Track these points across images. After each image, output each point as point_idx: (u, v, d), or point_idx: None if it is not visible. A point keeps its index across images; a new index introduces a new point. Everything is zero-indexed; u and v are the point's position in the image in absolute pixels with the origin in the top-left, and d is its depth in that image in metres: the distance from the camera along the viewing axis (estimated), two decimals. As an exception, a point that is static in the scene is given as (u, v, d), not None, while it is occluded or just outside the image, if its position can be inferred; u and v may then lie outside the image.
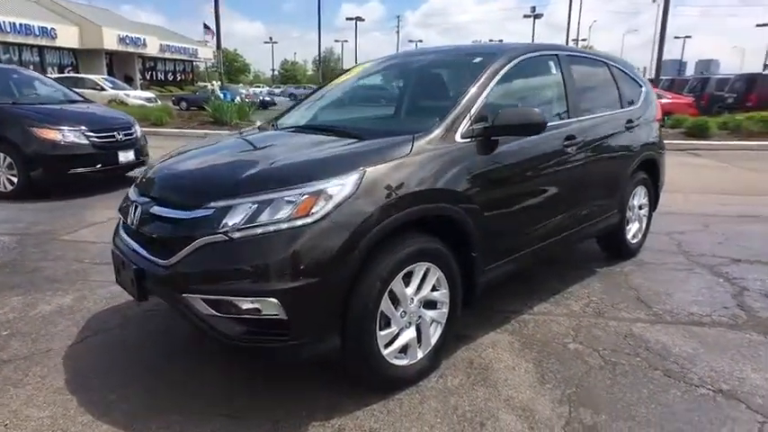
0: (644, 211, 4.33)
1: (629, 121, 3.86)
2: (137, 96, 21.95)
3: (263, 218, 1.96)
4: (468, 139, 2.51)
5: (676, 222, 5.24)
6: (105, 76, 25.07)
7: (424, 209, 2.23)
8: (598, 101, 3.65)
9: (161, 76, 45.60)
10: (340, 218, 1.96)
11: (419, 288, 2.30)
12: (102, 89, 20.45)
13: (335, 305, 1.99)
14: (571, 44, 41.61)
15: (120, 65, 39.15)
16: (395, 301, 2.21)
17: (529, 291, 3.49)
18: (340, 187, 2.00)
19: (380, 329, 2.17)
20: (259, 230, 1.94)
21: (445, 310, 2.46)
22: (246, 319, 1.96)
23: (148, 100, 21.71)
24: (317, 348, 2.01)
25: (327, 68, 73.35)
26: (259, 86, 53.15)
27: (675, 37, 73.40)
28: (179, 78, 47.73)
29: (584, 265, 4.06)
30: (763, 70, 37.05)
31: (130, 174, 6.91)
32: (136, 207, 2.31)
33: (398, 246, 2.15)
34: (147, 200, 2.29)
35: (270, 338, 1.96)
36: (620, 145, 3.71)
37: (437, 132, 2.43)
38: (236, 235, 1.95)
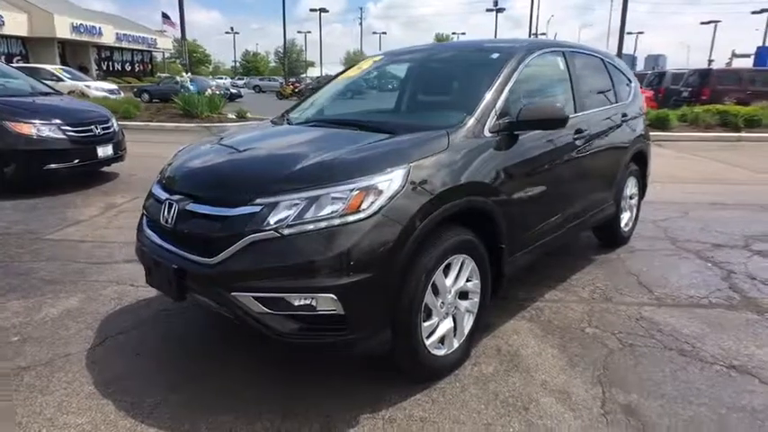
0: (634, 201, 4.53)
1: (624, 114, 4.03)
2: (98, 88, 20.92)
3: (314, 214, 1.96)
4: (495, 134, 2.57)
5: (658, 211, 5.50)
6: (63, 67, 23.77)
7: (464, 202, 2.29)
8: (598, 96, 3.79)
9: (118, 67, 43.65)
10: (391, 213, 1.98)
11: (456, 279, 2.36)
12: (60, 80, 19.38)
13: (388, 299, 2.02)
14: (531, 38, 42.48)
15: (73, 55, 37.25)
16: (436, 293, 2.26)
17: (536, 279, 3.61)
18: (389, 182, 2.02)
19: (423, 321, 2.21)
20: (310, 226, 1.94)
21: (477, 299, 2.53)
22: (300, 316, 1.96)
23: (111, 92, 20.76)
24: (370, 342, 2.03)
25: (290, 60, 72.10)
26: (221, 78, 51.70)
27: (628, 33, 76.06)
28: (137, 69, 45.87)
29: (581, 253, 4.22)
30: (708, 65, 39.12)
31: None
32: (170, 205, 2.24)
33: (440, 239, 2.19)
34: (181, 197, 2.23)
35: (326, 334, 1.97)
36: (618, 137, 3.87)
37: (469, 127, 2.48)
38: (287, 231, 1.94)
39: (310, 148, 2.40)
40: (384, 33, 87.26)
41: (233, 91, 28.17)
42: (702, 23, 54.81)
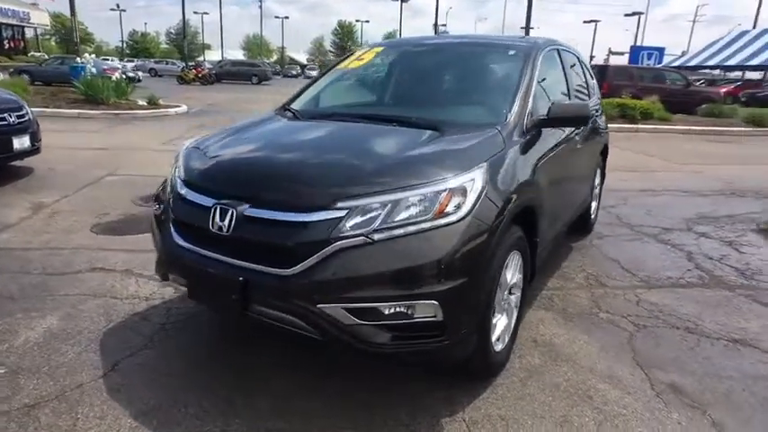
0: (597, 190, 4.89)
1: (596, 109, 4.32)
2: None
3: (403, 217, 1.86)
4: (529, 131, 2.62)
5: (602, 198, 5.99)
6: None
7: (525, 200, 2.31)
8: (582, 91, 4.01)
9: (-19, 43, 37.85)
10: (480, 214, 1.95)
11: (511, 276, 2.39)
12: None
13: (478, 301, 1.99)
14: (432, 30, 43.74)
15: None
16: (499, 290, 2.27)
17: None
18: (472, 182, 1.98)
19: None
20: (400, 231, 1.84)
21: (519, 294, 2.58)
22: (394, 325, 1.86)
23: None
24: (466, 346, 1.99)
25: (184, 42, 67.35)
26: (108, 59, 46.83)
27: (521, 27, 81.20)
28: (6, 46, 40.03)
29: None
30: (589, 61, 43.13)
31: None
32: (223, 211, 1.99)
33: (507, 237, 2.20)
34: (236, 201, 2.00)
35: (424, 342, 1.89)
36: (596, 130, 4.14)
37: (512, 125, 2.50)
38: (378, 237, 1.83)
39: (371, 145, 2.27)
40: (287, 18, 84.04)
41: (130, 74, 25.66)
42: (585, 22, 60.07)
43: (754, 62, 29.24)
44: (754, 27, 36.21)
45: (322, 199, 1.90)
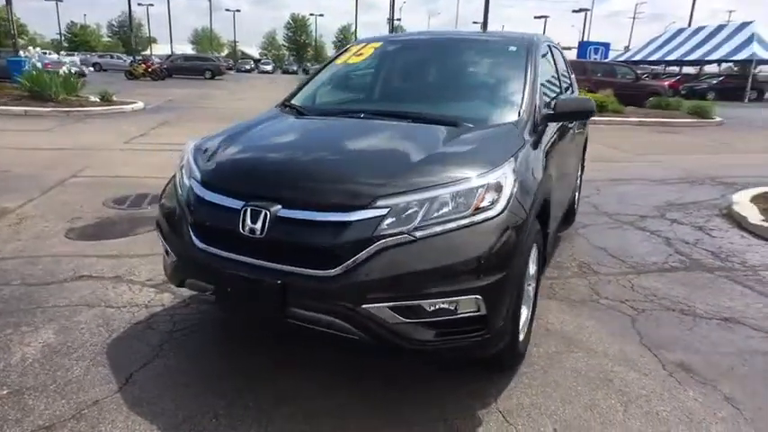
0: (579, 181, 5.06)
1: (579, 102, 4.46)
2: None
3: (441, 214, 1.87)
4: (540, 125, 2.68)
5: (578, 188, 6.21)
6: None
7: (545, 193, 2.37)
8: (567, 86, 4.13)
9: None
10: (514, 209, 1.97)
11: (532, 267, 2.44)
12: None
13: (514, 294, 2.02)
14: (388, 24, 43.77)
15: None
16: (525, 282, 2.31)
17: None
18: (505, 177, 2.01)
19: (518, 310, 2.26)
20: (440, 228, 1.85)
21: (534, 284, 2.64)
22: (438, 321, 1.87)
23: None
24: (502, 338, 2.02)
25: (130, 36, 64.35)
26: (46, 52, 44.05)
27: (474, 22, 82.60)
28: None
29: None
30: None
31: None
32: (255, 213, 1.93)
33: (534, 230, 2.24)
34: (268, 202, 1.94)
35: (466, 336, 1.90)
36: (582, 124, 4.28)
37: (525, 120, 2.55)
38: (419, 234, 1.83)
39: (398, 143, 2.26)
40: (238, 11, 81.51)
41: (75, 69, 24.20)
42: (536, 18, 61.85)
43: (692, 57, 31.03)
44: (689, 25, 38.40)
45: (362, 198, 1.87)
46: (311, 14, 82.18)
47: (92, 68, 35.94)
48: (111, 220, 4.60)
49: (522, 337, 2.42)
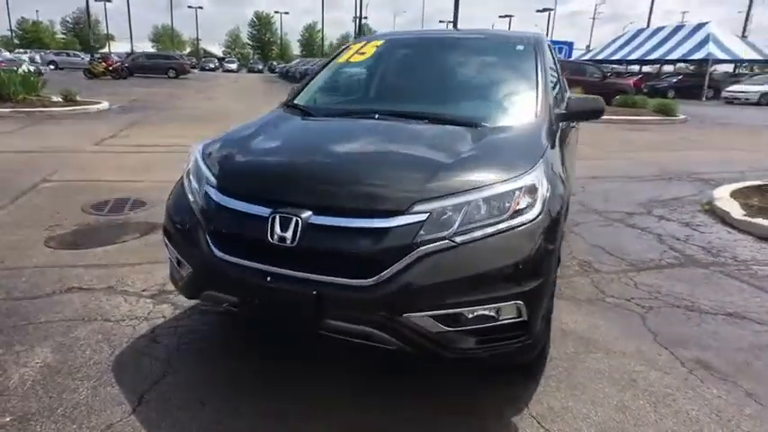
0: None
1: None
2: None
3: (480, 218, 1.82)
4: (554, 125, 2.67)
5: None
6: None
7: (567, 193, 2.35)
8: (556, 82, 4.15)
9: None
10: (549, 210, 1.94)
11: (554, 269, 2.42)
12: None
13: (550, 296, 1.99)
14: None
15: None
16: (552, 283, 2.29)
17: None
18: (538, 180, 1.97)
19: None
20: (479, 233, 1.80)
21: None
22: (479, 329, 1.81)
23: None
24: (540, 342, 1.98)
25: (87, 33, 61.84)
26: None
27: (440, 21, 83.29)
28: None
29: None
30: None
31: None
32: (285, 220, 1.83)
33: (563, 232, 2.22)
34: (298, 209, 1.85)
35: (508, 343, 1.86)
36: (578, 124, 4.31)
37: (542, 121, 2.54)
38: (459, 240, 1.77)
39: (426, 145, 2.20)
40: (200, 8, 79.21)
41: (31, 68, 23.04)
42: (500, 17, 62.79)
43: (652, 57, 32.13)
44: (647, 25, 39.79)
45: (400, 203, 1.80)
46: (276, 12, 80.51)
47: (50, 66, 34.32)
48: (92, 227, 4.37)
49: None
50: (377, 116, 2.58)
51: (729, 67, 36.88)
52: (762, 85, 25.36)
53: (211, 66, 57.80)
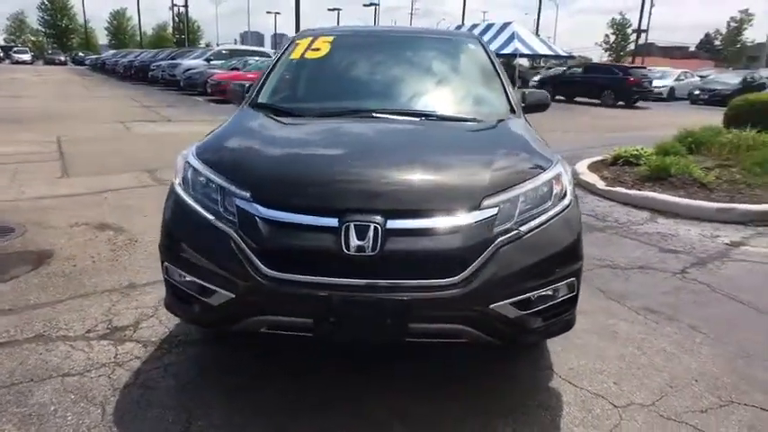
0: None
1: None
2: None
3: (531, 207, 1.97)
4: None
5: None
6: None
7: None
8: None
9: None
10: (573, 195, 2.17)
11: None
12: None
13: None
14: None
15: None
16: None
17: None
18: (562, 168, 2.18)
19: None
20: (536, 221, 1.95)
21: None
22: (543, 308, 1.97)
23: None
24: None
25: None
26: None
27: (267, 12, 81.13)
28: None
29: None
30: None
31: None
32: (361, 229, 1.75)
33: None
34: (370, 216, 1.78)
35: (560, 318, 2.04)
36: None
37: (518, 113, 2.79)
38: (524, 229, 1.90)
39: (454, 142, 2.30)
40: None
41: None
42: (329, 10, 63.61)
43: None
44: (462, 23, 44.21)
45: (473, 200, 1.86)
46: (174, 5, 67.46)
47: None
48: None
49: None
50: (374, 115, 2.56)
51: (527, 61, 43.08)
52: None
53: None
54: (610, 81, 20.35)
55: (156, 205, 5.03)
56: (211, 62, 20.16)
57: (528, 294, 1.89)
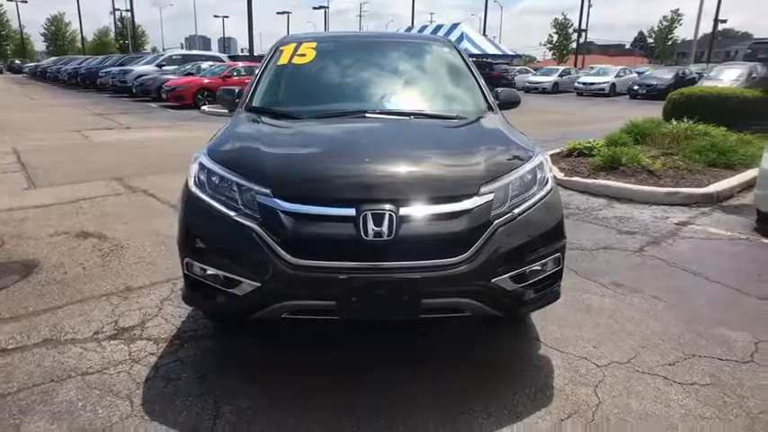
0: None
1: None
2: None
3: (520, 191, 2.23)
4: (500, 113, 3.21)
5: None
6: None
7: None
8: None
9: None
10: (553, 180, 2.45)
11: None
12: None
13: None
14: None
15: None
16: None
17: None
18: (543, 156, 2.46)
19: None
20: (525, 204, 2.20)
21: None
22: (535, 282, 2.22)
23: None
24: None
25: None
26: None
27: (215, 16, 79.39)
28: None
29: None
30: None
31: None
32: (378, 216, 1.95)
33: None
34: (383, 204, 1.98)
35: (550, 290, 2.30)
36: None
37: (497, 110, 3.06)
38: (516, 211, 2.15)
39: (445, 136, 2.53)
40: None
41: None
42: (278, 13, 63.13)
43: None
44: (412, 24, 44.95)
45: (472, 187, 2.10)
46: (10, 0, 64.26)
47: None
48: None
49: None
50: (366, 114, 2.77)
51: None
52: (553, 75, 29.82)
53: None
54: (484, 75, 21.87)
55: (134, 212, 5.15)
56: (163, 68, 19.72)
57: (523, 269, 2.15)
